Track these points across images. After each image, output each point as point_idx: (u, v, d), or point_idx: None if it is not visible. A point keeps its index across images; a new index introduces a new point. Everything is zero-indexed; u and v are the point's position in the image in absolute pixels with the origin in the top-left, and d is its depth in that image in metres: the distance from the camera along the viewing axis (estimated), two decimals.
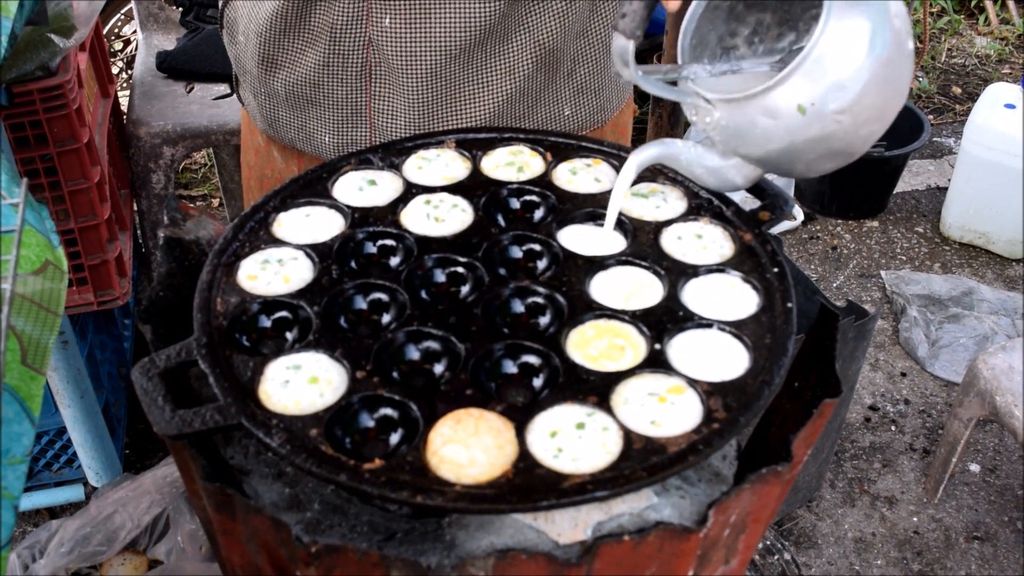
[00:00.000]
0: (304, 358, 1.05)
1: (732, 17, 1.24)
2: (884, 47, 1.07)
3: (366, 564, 0.93)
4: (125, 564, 1.98)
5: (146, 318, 1.14)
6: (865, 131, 1.12)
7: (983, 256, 3.61)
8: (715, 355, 1.06)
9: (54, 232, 1.26)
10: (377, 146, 1.37)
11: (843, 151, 1.14)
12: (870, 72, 1.07)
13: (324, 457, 0.95)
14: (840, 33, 1.06)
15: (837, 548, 2.57)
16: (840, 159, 1.16)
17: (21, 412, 1.07)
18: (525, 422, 0.98)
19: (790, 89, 1.08)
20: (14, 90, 1.99)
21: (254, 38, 1.48)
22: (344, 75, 1.44)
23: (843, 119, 1.09)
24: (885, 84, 1.10)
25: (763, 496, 1.05)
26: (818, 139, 1.11)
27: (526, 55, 1.43)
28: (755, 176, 1.22)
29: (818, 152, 1.13)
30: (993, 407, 2.38)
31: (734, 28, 1.25)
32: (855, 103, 1.08)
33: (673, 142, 1.22)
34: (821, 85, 1.07)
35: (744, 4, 1.23)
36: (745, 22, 1.25)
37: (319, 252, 1.19)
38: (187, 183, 3.97)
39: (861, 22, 1.07)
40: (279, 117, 1.54)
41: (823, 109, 1.08)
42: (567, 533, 1.02)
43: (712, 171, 1.21)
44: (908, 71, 1.13)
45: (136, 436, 2.82)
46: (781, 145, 1.12)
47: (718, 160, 1.20)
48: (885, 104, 1.12)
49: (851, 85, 1.07)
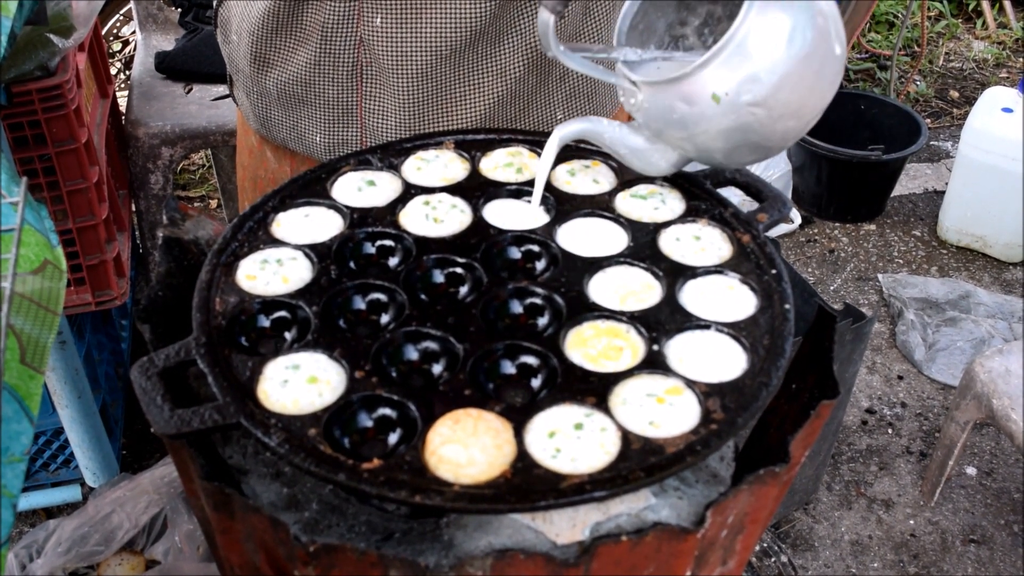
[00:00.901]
0: (303, 358, 1.05)
1: (683, 6, 1.25)
2: (804, 44, 1.08)
3: (364, 564, 0.93)
4: (122, 564, 1.98)
5: (145, 317, 1.15)
6: (781, 126, 1.13)
7: (980, 260, 3.61)
8: (713, 356, 1.06)
9: (53, 231, 1.26)
10: (376, 147, 1.37)
11: (760, 144, 1.16)
12: (786, 67, 1.08)
13: (323, 457, 0.95)
14: (760, 25, 1.07)
15: (834, 551, 2.57)
16: (759, 152, 1.18)
17: (20, 411, 1.07)
18: (524, 422, 0.98)
19: (706, 77, 1.10)
20: (13, 90, 1.99)
21: (246, 37, 1.48)
22: (335, 75, 1.44)
23: (757, 112, 1.10)
24: (802, 81, 1.11)
25: (761, 497, 1.05)
26: (732, 129, 1.12)
27: (518, 57, 1.43)
28: (678, 162, 1.23)
29: (734, 142, 1.15)
30: (990, 410, 2.38)
31: (684, 17, 1.26)
32: (769, 96, 1.09)
33: (599, 120, 1.23)
34: (736, 75, 1.09)
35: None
36: (696, 12, 1.26)
37: (318, 252, 1.20)
38: (185, 184, 3.97)
39: (782, 16, 1.08)
40: (271, 117, 1.55)
41: (737, 100, 1.10)
42: (565, 533, 1.02)
43: (636, 152, 1.23)
44: (832, 72, 1.14)
45: (133, 437, 2.82)
46: (696, 131, 1.14)
47: (643, 142, 1.22)
48: (802, 102, 1.13)
49: (766, 78, 1.08)
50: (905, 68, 4.77)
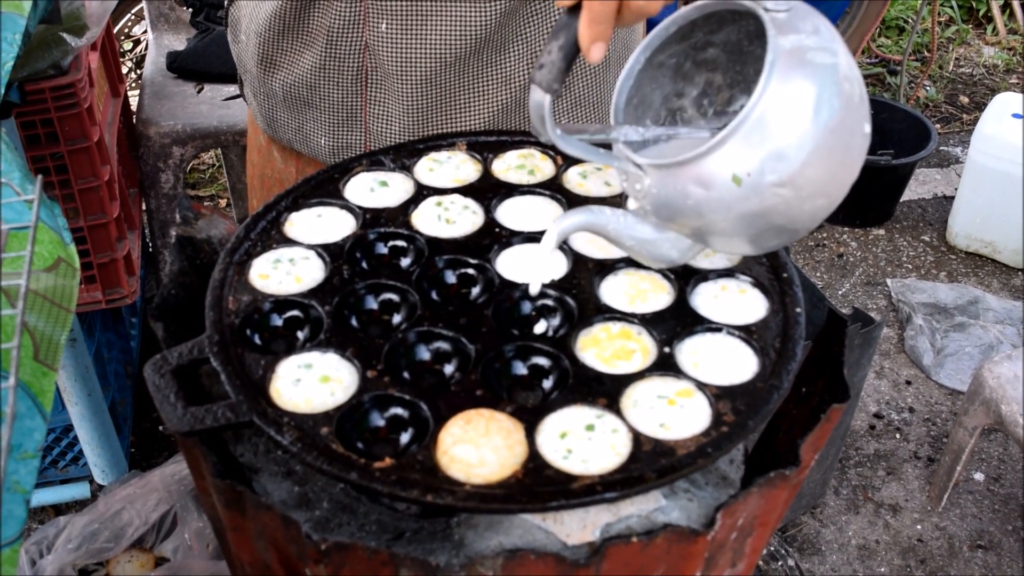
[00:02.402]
0: (315, 357, 1.06)
1: (679, 76, 1.13)
2: (831, 114, 0.96)
3: (375, 562, 0.93)
4: (132, 561, 1.98)
5: (158, 316, 1.15)
6: (809, 206, 1.01)
7: (989, 265, 3.61)
8: (724, 359, 1.07)
9: (66, 229, 1.26)
10: (388, 148, 1.37)
11: (785, 227, 1.03)
12: (814, 141, 0.96)
13: (335, 455, 0.96)
14: (782, 97, 0.95)
15: (841, 555, 2.57)
16: (783, 236, 1.05)
17: (33, 407, 1.08)
18: (535, 423, 0.99)
19: (725, 156, 0.97)
20: (26, 88, 2.00)
21: (254, 38, 1.49)
22: (340, 79, 1.44)
23: (783, 192, 0.98)
24: (831, 155, 0.98)
25: (770, 500, 1.05)
26: (756, 214, 1.00)
27: (523, 65, 1.43)
28: (692, 252, 1.12)
29: (758, 228, 1.02)
30: (998, 416, 2.38)
31: (681, 88, 1.15)
32: (797, 175, 0.97)
33: (601, 210, 1.09)
34: (759, 154, 0.96)
35: (692, 63, 1.13)
36: (693, 82, 1.14)
37: (330, 252, 1.20)
38: (195, 183, 3.98)
39: (806, 85, 0.95)
40: (277, 118, 1.55)
41: (760, 181, 0.97)
42: (576, 534, 1.02)
43: (644, 243, 1.09)
44: (861, 141, 1.01)
45: (141, 435, 2.83)
46: (715, 218, 1.01)
47: (651, 232, 1.09)
48: (832, 177, 1.01)
49: (792, 155, 0.96)
50: (915, 73, 4.76)
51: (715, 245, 1.09)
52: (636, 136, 1.07)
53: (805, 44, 0.96)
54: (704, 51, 1.11)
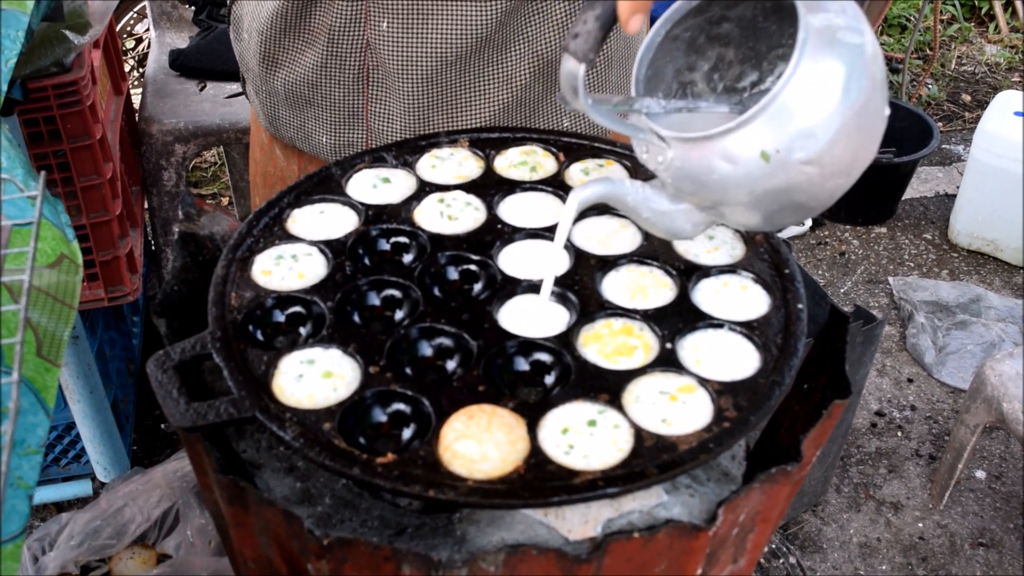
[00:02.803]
0: (318, 353, 1.06)
1: (692, 50, 1.13)
2: (859, 94, 0.96)
3: (377, 558, 0.93)
4: (134, 558, 1.98)
5: (161, 312, 1.15)
6: (831, 184, 1.02)
7: (991, 263, 3.61)
8: (726, 355, 1.07)
9: (69, 226, 1.27)
10: (391, 144, 1.38)
11: (804, 204, 1.04)
12: (842, 121, 0.97)
13: (337, 451, 0.96)
14: (812, 75, 0.95)
15: (842, 553, 2.57)
16: (800, 213, 1.06)
17: (36, 403, 1.08)
18: (537, 419, 0.99)
19: (754, 133, 0.97)
20: (29, 85, 2.00)
21: (256, 36, 1.49)
22: (341, 77, 1.44)
23: (809, 170, 0.98)
24: (857, 135, 0.99)
25: (772, 496, 1.05)
26: (780, 190, 1.00)
27: (524, 65, 1.43)
28: (705, 224, 1.11)
29: (779, 204, 1.02)
30: (1000, 414, 2.38)
31: (693, 62, 1.14)
32: (824, 153, 0.97)
33: (621, 181, 1.10)
34: (789, 131, 0.96)
35: (706, 37, 1.12)
36: (705, 56, 1.14)
37: (333, 248, 1.20)
38: (197, 181, 3.98)
39: (836, 65, 0.95)
40: (279, 116, 1.56)
41: (788, 157, 0.97)
42: (577, 529, 1.03)
43: (660, 215, 1.09)
44: (882, 122, 1.02)
45: (143, 432, 2.83)
46: (739, 193, 1.01)
47: (667, 204, 1.09)
48: (855, 156, 1.01)
49: (821, 134, 0.96)
50: (917, 71, 4.76)
51: (731, 219, 1.09)
52: (658, 108, 1.06)
53: (835, 23, 0.96)
54: (719, 25, 1.11)
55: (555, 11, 1.41)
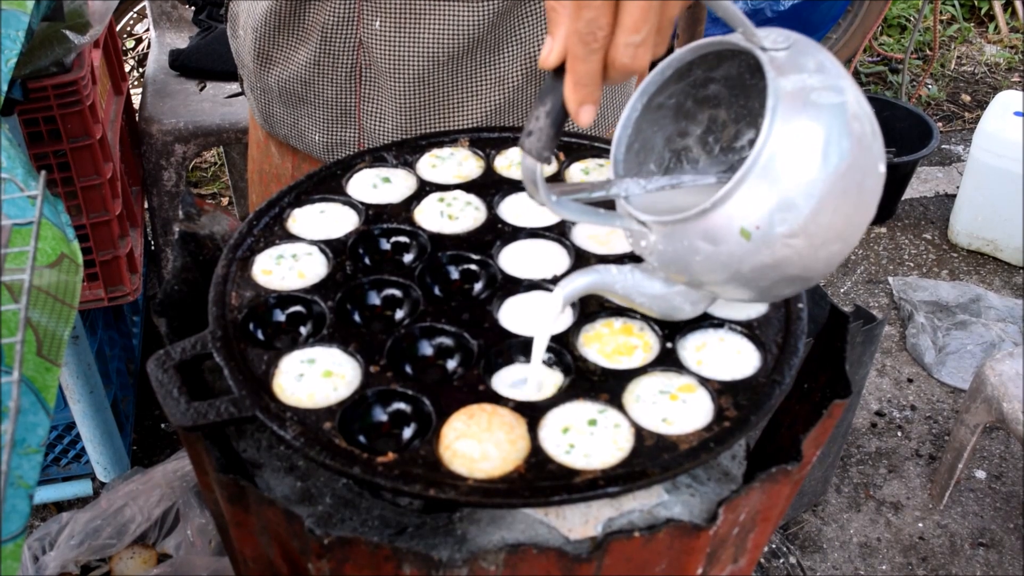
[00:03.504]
0: (318, 352, 1.06)
1: (681, 115, 1.08)
2: (841, 157, 0.90)
3: (378, 557, 0.93)
4: (134, 558, 1.98)
5: (161, 311, 1.15)
6: (824, 253, 0.96)
7: (991, 263, 3.61)
8: (726, 354, 1.07)
9: (69, 225, 1.27)
10: (391, 144, 1.38)
11: (799, 276, 0.98)
12: (824, 187, 0.91)
13: (338, 450, 0.96)
14: (787, 142, 0.89)
15: (842, 553, 2.57)
16: (798, 284, 1.01)
17: (37, 403, 1.08)
18: (537, 418, 0.99)
19: (731, 210, 0.92)
20: (29, 85, 2.00)
21: (251, 33, 1.49)
22: (334, 75, 1.45)
23: (795, 243, 0.93)
24: (844, 199, 0.93)
25: (772, 495, 1.05)
26: (768, 266, 0.95)
27: (517, 67, 1.43)
28: (705, 303, 1.07)
29: (771, 279, 0.97)
30: (1000, 414, 2.38)
31: (684, 128, 1.09)
32: (809, 223, 0.91)
33: (607, 269, 1.04)
34: (766, 205, 0.91)
35: (693, 101, 1.07)
36: (697, 120, 1.09)
37: (333, 248, 1.20)
38: (197, 181, 3.98)
39: (812, 129, 0.90)
40: (273, 113, 1.56)
41: (771, 232, 0.92)
42: (578, 529, 1.03)
43: (655, 299, 1.05)
44: (874, 181, 0.95)
45: (143, 432, 2.84)
46: (727, 274, 0.97)
47: (661, 287, 1.04)
48: (846, 221, 0.95)
49: (803, 204, 0.90)
50: (917, 71, 4.76)
51: (730, 296, 1.05)
52: (638, 190, 1.01)
53: (808, 84, 0.91)
54: (705, 88, 1.07)
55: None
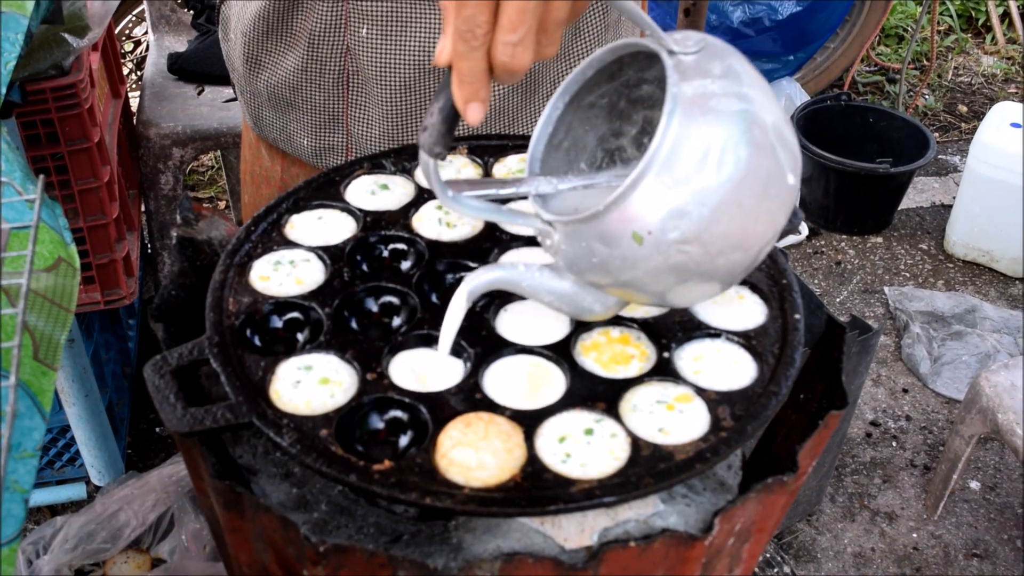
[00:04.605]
0: (315, 359, 1.06)
1: (615, 115, 1.07)
2: (737, 166, 0.89)
3: (373, 564, 0.93)
4: (128, 562, 1.98)
5: (158, 316, 1.15)
6: (723, 261, 0.94)
7: (986, 274, 3.61)
8: (723, 364, 1.07)
9: (67, 229, 1.27)
10: (390, 151, 1.38)
11: (702, 283, 0.97)
12: (719, 195, 0.89)
13: (334, 457, 0.96)
14: (682, 147, 0.88)
15: (836, 562, 2.57)
16: (705, 290, 1.00)
17: (32, 407, 1.08)
18: (534, 427, 0.99)
19: (624, 214, 0.90)
20: (27, 88, 2.00)
21: (240, 37, 1.50)
22: (322, 81, 1.45)
23: (689, 249, 0.91)
24: (741, 209, 0.91)
25: (768, 506, 1.05)
26: (664, 271, 0.93)
27: None
28: (615, 305, 1.04)
29: (670, 284, 0.95)
30: (995, 424, 2.39)
31: (618, 127, 1.08)
32: (702, 231, 0.90)
33: (513, 266, 1.02)
34: (659, 210, 0.89)
35: (627, 100, 1.06)
36: (631, 121, 1.08)
37: (331, 254, 1.20)
38: (194, 185, 3.98)
39: (709, 132, 0.88)
40: (263, 116, 1.56)
41: (663, 238, 0.90)
42: (573, 538, 1.03)
43: (563, 298, 1.02)
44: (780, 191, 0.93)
45: (138, 436, 2.83)
46: (624, 276, 0.95)
47: (570, 287, 1.01)
48: (745, 231, 0.93)
49: (694, 211, 0.89)
50: (914, 82, 4.77)
51: (635, 300, 1.03)
52: (549, 188, 1.00)
53: (710, 90, 0.89)
54: (639, 88, 1.05)
55: None
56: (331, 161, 1.50)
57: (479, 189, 0.99)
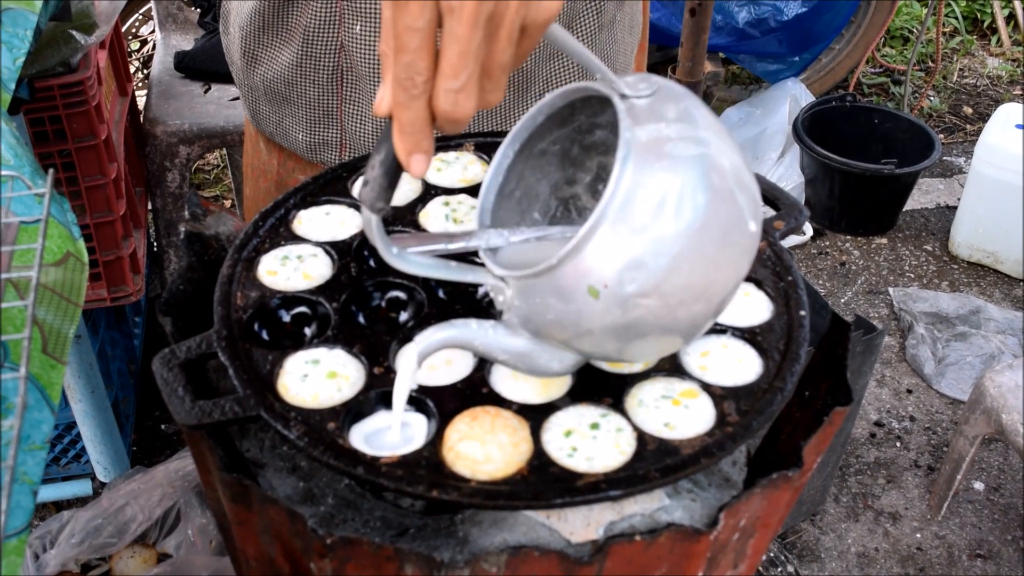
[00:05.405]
0: (323, 353, 1.06)
1: (568, 162, 1.04)
2: (696, 212, 0.85)
3: (380, 557, 0.94)
4: (135, 557, 1.99)
5: (166, 310, 1.16)
6: (684, 314, 0.90)
7: (991, 275, 3.61)
8: (729, 360, 1.07)
9: (75, 224, 1.27)
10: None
11: (663, 337, 0.93)
12: (678, 244, 0.85)
13: (341, 450, 0.96)
14: (637, 195, 0.84)
15: (840, 562, 2.57)
16: (666, 343, 0.96)
17: (41, 400, 1.09)
18: (540, 421, 0.99)
19: (578, 267, 0.86)
20: (35, 85, 2.01)
21: (238, 31, 1.51)
22: (316, 77, 1.46)
23: (648, 303, 0.87)
24: (701, 258, 0.87)
25: (773, 501, 1.06)
26: (623, 326, 0.89)
27: None
28: (574, 362, 0.99)
29: (628, 339, 0.91)
30: (999, 425, 2.39)
31: (572, 175, 1.05)
32: (662, 283, 0.86)
33: (466, 323, 0.97)
34: (614, 263, 0.85)
35: (580, 147, 1.03)
36: (585, 168, 1.05)
37: (338, 249, 1.21)
38: (200, 183, 3.99)
39: (664, 179, 0.84)
40: (260, 110, 1.57)
41: (620, 291, 0.86)
42: (579, 532, 1.03)
43: (519, 357, 0.97)
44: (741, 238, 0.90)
45: (143, 433, 2.84)
46: (580, 332, 0.91)
47: (525, 344, 0.97)
48: (706, 281, 0.89)
49: (652, 262, 0.85)
50: (919, 83, 4.77)
51: (594, 356, 0.99)
52: (500, 241, 0.96)
53: (665, 134, 0.86)
54: (592, 134, 1.03)
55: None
56: (325, 156, 1.51)
57: (427, 244, 0.96)
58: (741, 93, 4.46)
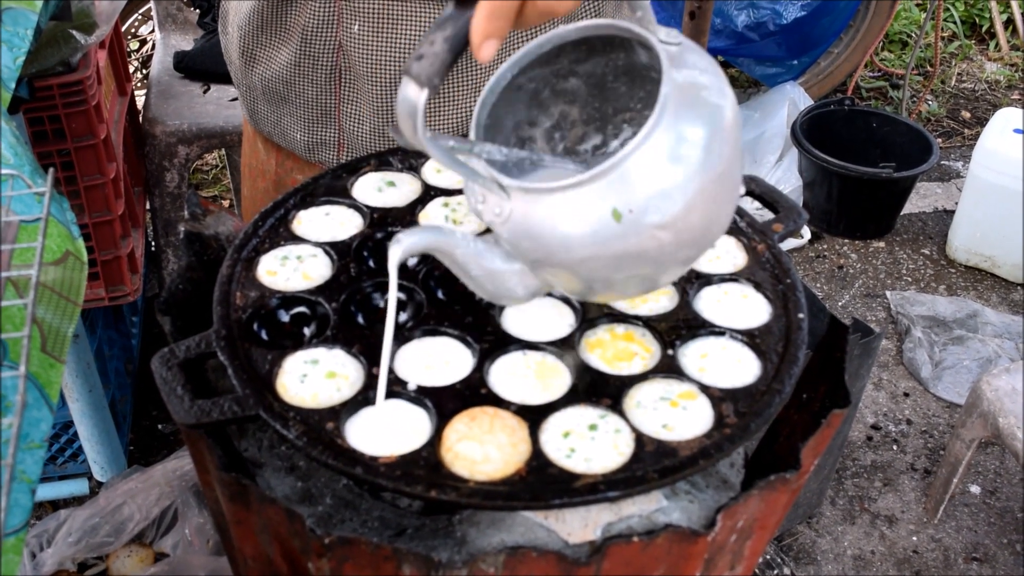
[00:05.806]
0: (321, 353, 1.07)
1: (535, 103, 1.06)
2: (720, 160, 0.90)
3: (378, 557, 0.94)
4: (131, 556, 1.99)
5: (165, 310, 1.16)
6: (681, 255, 0.95)
7: (988, 280, 3.62)
8: (727, 362, 1.07)
9: (74, 223, 1.27)
10: (396, 148, 1.39)
11: (650, 276, 0.97)
12: (701, 185, 0.89)
13: (340, 450, 0.96)
14: (674, 132, 0.88)
15: (836, 565, 2.57)
16: (642, 286, 0.99)
17: (40, 398, 1.09)
18: (539, 421, 1.00)
19: (606, 188, 0.88)
20: (35, 84, 2.01)
21: (236, 31, 1.51)
22: (314, 76, 1.46)
23: (662, 236, 0.90)
24: (714, 203, 0.92)
25: (770, 503, 1.06)
26: (629, 255, 0.91)
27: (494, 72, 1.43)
28: (537, 290, 1.02)
29: (623, 272, 0.94)
30: (995, 429, 2.39)
31: (535, 116, 1.07)
32: (679, 218, 0.89)
33: (452, 231, 0.98)
34: (645, 190, 0.88)
35: (551, 91, 1.06)
36: (548, 112, 1.08)
37: (338, 250, 1.21)
38: (198, 184, 3.98)
39: (698, 124, 0.89)
40: (258, 110, 1.58)
41: (641, 219, 0.88)
42: (577, 533, 1.03)
43: (491, 274, 0.99)
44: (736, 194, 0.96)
45: (140, 432, 2.84)
46: (582, 255, 0.92)
47: (499, 262, 0.98)
48: (708, 226, 0.94)
49: (679, 196, 0.88)
50: (918, 87, 4.78)
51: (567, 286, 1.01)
52: (499, 155, 0.96)
53: (699, 81, 0.90)
54: (566, 80, 1.05)
55: None
56: (323, 156, 1.51)
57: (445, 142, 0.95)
58: (740, 96, 4.47)
